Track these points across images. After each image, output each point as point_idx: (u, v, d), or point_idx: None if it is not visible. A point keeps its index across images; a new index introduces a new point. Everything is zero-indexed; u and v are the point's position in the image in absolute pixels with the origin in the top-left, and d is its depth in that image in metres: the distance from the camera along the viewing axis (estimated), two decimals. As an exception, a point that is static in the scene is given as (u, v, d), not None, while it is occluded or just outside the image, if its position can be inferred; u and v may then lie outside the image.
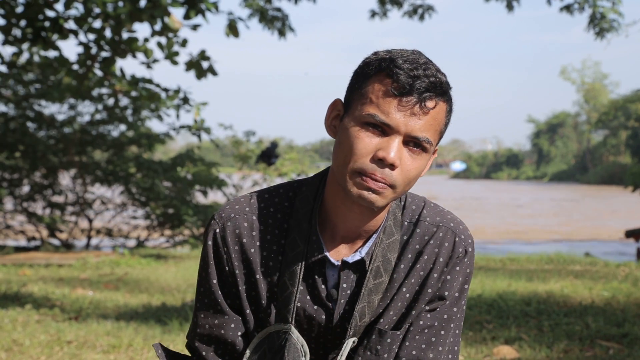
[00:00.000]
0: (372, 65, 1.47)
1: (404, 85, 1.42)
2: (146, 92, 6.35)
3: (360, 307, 1.54)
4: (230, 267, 1.57)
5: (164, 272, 8.69)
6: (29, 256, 10.09)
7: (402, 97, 1.42)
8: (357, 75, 1.50)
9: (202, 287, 1.61)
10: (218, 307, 1.59)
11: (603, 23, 8.97)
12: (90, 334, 4.88)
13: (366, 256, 1.56)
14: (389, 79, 1.43)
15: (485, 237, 17.15)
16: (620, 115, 60.35)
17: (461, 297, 1.63)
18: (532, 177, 76.52)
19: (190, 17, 5.68)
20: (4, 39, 5.93)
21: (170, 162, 12.52)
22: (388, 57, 1.46)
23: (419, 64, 1.44)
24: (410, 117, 1.43)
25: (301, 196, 1.59)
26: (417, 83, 1.42)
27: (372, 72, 1.46)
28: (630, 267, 8.84)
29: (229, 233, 1.57)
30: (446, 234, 1.59)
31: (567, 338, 4.82)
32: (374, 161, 1.44)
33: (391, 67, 1.43)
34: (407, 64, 1.43)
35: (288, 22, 9.49)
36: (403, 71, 1.42)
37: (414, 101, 1.42)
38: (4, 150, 12.24)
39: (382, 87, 1.44)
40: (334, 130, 1.53)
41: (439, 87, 1.45)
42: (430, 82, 1.43)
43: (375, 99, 1.44)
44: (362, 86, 1.47)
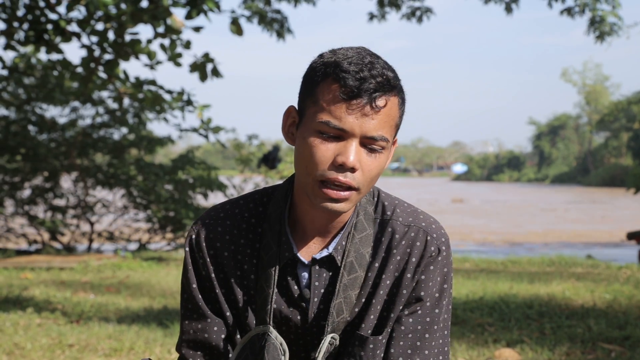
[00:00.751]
0: (318, 71, 1.47)
1: (352, 89, 1.42)
2: (150, 94, 6.35)
3: (337, 303, 1.55)
4: (206, 272, 1.60)
5: (166, 275, 8.69)
6: (31, 259, 10.09)
7: (351, 100, 1.43)
8: (306, 81, 1.51)
9: (185, 293, 1.64)
10: (200, 311, 1.61)
11: (603, 26, 9.00)
12: (92, 337, 4.88)
13: (334, 252, 1.57)
14: (337, 84, 1.43)
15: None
16: (621, 117, 60.31)
17: (442, 297, 1.60)
18: (533, 179, 76.48)
19: (192, 16, 5.68)
20: (6, 42, 5.94)
21: (171, 164, 12.52)
22: (333, 60, 1.46)
23: (364, 64, 1.44)
24: (362, 118, 1.44)
25: (274, 200, 1.61)
26: (365, 85, 1.42)
27: (320, 79, 1.46)
28: (632, 270, 8.83)
29: (203, 238, 1.60)
30: (418, 234, 1.59)
31: (569, 341, 4.82)
32: (334, 167, 1.45)
33: (337, 71, 1.44)
34: (352, 66, 1.43)
35: (287, 24, 9.50)
36: (349, 74, 1.42)
37: (364, 102, 1.43)
38: (5, 154, 12.24)
39: (331, 93, 1.44)
40: (291, 137, 1.55)
41: (387, 84, 1.45)
42: (377, 82, 1.43)
43: (326, 105, 1.44)
44: (312, 93, 1.47)
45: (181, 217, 12.00)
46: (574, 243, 16.63)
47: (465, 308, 5.91)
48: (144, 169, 12.18)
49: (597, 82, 72.76)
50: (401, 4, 9.85)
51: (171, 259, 10.89)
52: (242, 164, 13.34)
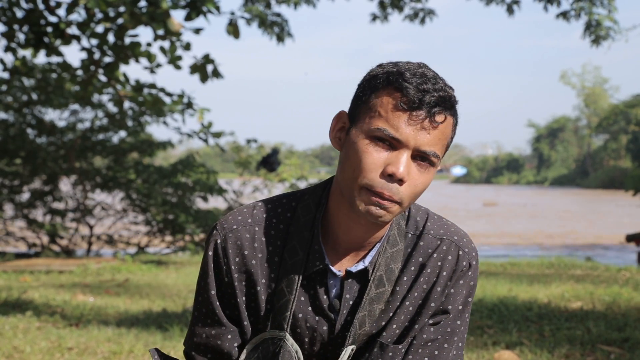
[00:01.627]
0: (379, 79, 1.45)
1: (414, 100, 1.41)
2: (150, 97, 6.35)
3: (361, 316, 1.53)
4: (229, 278, 1.56)
5: (165, 278, 8.68)
6: (30, 263, 10.09)
7: (411, 112, 1.41)
8: (363, 87, 1.48)
9: (200, 296, 1.60)
10: (215, 317, 1.58)
11: (599, 30, 9.01)
12: (91, 341, 4.87)
13: (369, 265, 1.55)
14: (398, 93, 1.42)
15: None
16: (620, 120, 60.36)
17: (465, 309, 1.61)
18: (532, 182, 76.50)
19: (192, 18, 5.68)
20: (6, 45, 5.94)
21: (170, 168, 12.52)
22: (395, 70, 1.44)
23: (428, 77, 1.43)
24: (419, 131, 1.42)
25: (303, 204, 1.58)
26: (427, 97, 1.41)
27: (380, 86, 1.44)
28: (631, 272, 8.83)
29: (231, 245, 1.56)
30: (450, 247, 1.58)
31: (568, 343, 4.82)
32: (383, 176, 1.42)
33: (400, 80, 1.42)
34: (415, 77, 1.42)
35: (287, 27, 9.51)
36: (412, 85, 1.41)
37: (423, 115, 1.41)
38: (4, 157, 12.24)
39: (391, 101, 1.42)
40: (339, 142, 1.51)
41: (448, 101, 1.44)
42: (439, 96, 1.42)
43: (384, 112, 1.42)
44: (369, 99, 1.45)
45: (180, 221, 12.00)
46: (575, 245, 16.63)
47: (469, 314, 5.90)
48: (143, 172, 12.18)
49: (596, 85, 72.80)
50: (404, 6, 9.86)
51: (170, 262, 10.88)
52: (241, 166, 13.35)
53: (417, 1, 9.82)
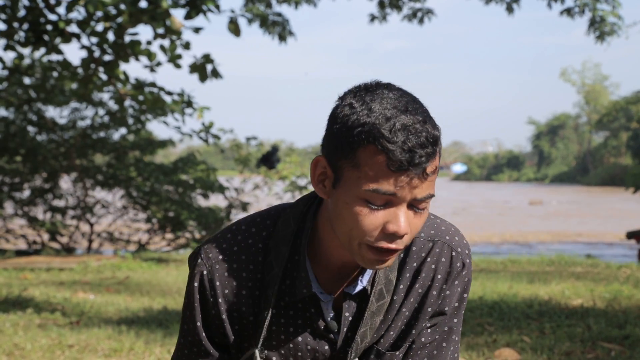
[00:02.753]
0: (355, 135, 1.34)
1: (402, 163, 1.32)
2: (151, 96, 6.35)
3: (362, 331, 1.52)
4: (216, 310, 1.52)
5: (165, 275, 8.69)
6: (30, 260, 10.09)
7: (401, 173, 1.33)
8: (338, 137, 1.37)
9: (185, 324, 1.57)
10: (202, 347, 1.55)
11: (603, 26, 9.00)
12: (92, 338, 4.88)
13: (367, 284, 1.52)
14: (382, 155, 1.32)
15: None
16: (620, 117, 60.37)
17: (461, 306, 1.60)
18: (532, 179, 76.52)
19: (191, 17, 5.67)
20: (6, 43, 5.94)
21: (171, 165, 12.53)
22: (372, 122, 1.33)
23: (409, 128, 1.32)
24: (410, 186, 1.35)
25: (282, 219, 1.53)
26: (415, 159, 1.32)
27: (358, 145, 1.34)
28: (632, 269, 8.84)
29: (218, 277, 1.51)
30: (442, 249, 1.56)
31: (568, 340, 4.82)
32: (383, 235, 1.37)
33: (381, 141, 1.31)
34: (398, 133, 1.31)
35: (288, 26, 9.51)
36: (396, 146, 1.31)
37: (414, 174, 1.34)
38: (5, 155, 12.24)
39: (377, 162, 1.33)
40: (324, 191, 1.43)
41: (434, 146, 1.36)
42: (427, 153, 1.33)
43: (372, 173, 1.33)
44: (350, 156, 1.35)
45: (181, 218, 12.00)
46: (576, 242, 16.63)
47: (465, 308, 5.90)
48: (144, 170, 12.18)
49: (596, 82, 72.80)
50: (402, 5, 9.87)
51: (171, 259, 10.89)
52: (241, 164, 13.35)
53: (415, 1, 9.82)
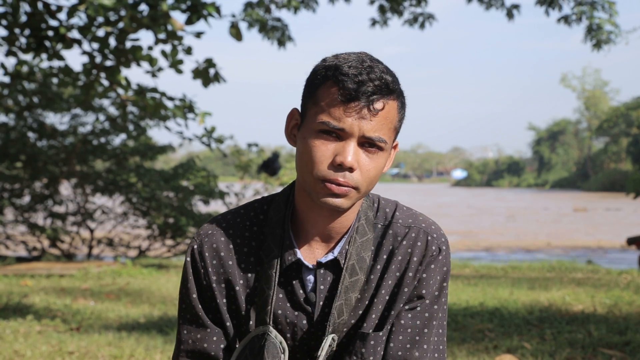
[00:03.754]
0: (319, 74, 1.53)
1: (350, 91, 1.48)
2: (152, 101, 6.35)
3: (338, 305, 1.58)
4: (207, 281, 1.62)
5: (166, 281, 8.69)
6: (30, 266, 10.09)
7: (350, 103, 1.48)
8: (308, 84, 1.56)
9: (183, 303, 1.65)
10: (199, 320, 1.63)
11: (600, 34, 9.02)
12: (92, 345, 4.87)
13: (339, 255, 1.60)
14: (336, 87, 1.49)
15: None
16: (621, 122, 60.38)
17: (441, 295, 1.64)
18: (533, 185, 76.50)
19: (192, 22, 5.68)
20: (7, 49, 5.94)
21: (171, 171, 12.53)
22: (334, 63, 1.52)
23: (363, 67, 1.49)
24: (361, 120, 1.49)
25: (274, 205, 1.65)
26: (363, 88, 1.48)
27: (320, 81, 1.52)
28: (632, 275, 8.83)
29: (207, 248, 1.63)
30: (418, 234, 1.63)
31: (569, 346, 4.81)
32: (333, 167, 1.50)
33: (336, 74, 1.50)
34: (351, 69, 1.49)
35: (288, 32, 9.52)
36: (348, 77, 1.48)
37: (362, 105, 1.48)
38: (5, 161, 12.24)
39: (330, 94, 1.50)
40: (293, 139, 1.60)
41: (385, 87, 1.50)
42: (375, 85, 1.48)
43: (326, 106, 1.50)
44: (313, 95, 1.53)
45: (181, 224, 12.00)
46: (575, 248, 16.61)
47: (466, 314, 5.90)
48: (144, 176, 12.18)
49: (596, 88, 72.86)
50: (403, 10, 9.87)
51: (171, 265, 10.88)
52: (241, 170, 13.36)
53: (416, 6, 9.83)
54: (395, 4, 9.76)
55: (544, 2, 9.14)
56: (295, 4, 9.51)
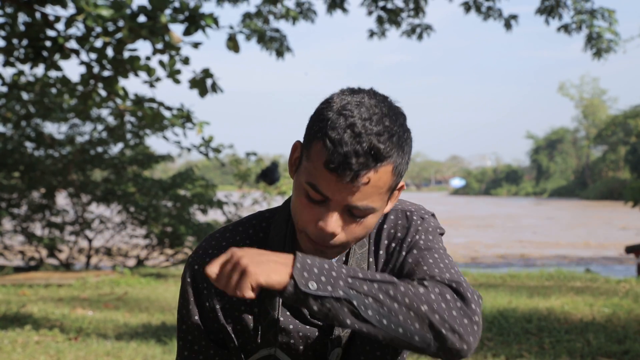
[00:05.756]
0: (315, 126, 1.43)
1: (336, 164, 1.37)
2: (150, 111, 6.36)
3: None
4: (210, 303, 1.57)
5: (164, 291, 8.67)
6: (29, 276, 10.07)
7: (334, 173, 1.38)
8: (309, 127, 1.47)
9: (183, 324, 1.60)
10: (202, 342, 1.59)
11: (600, 43, 9.05)
12: (90, 355, 4.86)
13: None
14: (324, 151, 1.38)
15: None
16: (619, 131, 60.48)
17: (434, 239, 1.57)
18: (531, 193, 76.54)
19: (190, 33, 5.69)
20: (4, 59, 5.95)
21: (170, 180, 12.53)
22: (327, 121, 1.40)
23: (355, 134, 1.37)
24: (346, 191, 1.39)
25: (275, 224, 1.60)
26: (347, 162, 1.36)
27: (313, 137, 1.42)
28: (631, 283, 8.83)
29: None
30: (397, 214, 1.59)
31: (568, 355, 4.81)
32: (316, 229, 1.43)
33: (325, 138, 1.38)
34: (342, 135, 1.37)
35: (286, 42, 9.55)
36: (334, 146, 1.37)
37: (347, 179, 1.38)
38: (2, 170, 12.24)
39: (318, 158, 1.40)
40: (293, 172, 1.52)
41: (374, 159, 1.38)
42: (359, 162, 1.37)
43: (314, 168, 1.41)
44: (308, 146, 1.44)
45: (180, 233, 11.99)
46: (573, 257, 16.60)
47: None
48: (142, 185, 12.18)
49: (594, 96, 73.01)
50: (401, 21, 9.90)
51: (169, 275, 10.87)
52: (240, 179, 13.36)
53: (414, 17, 9.86)
54: (393, 15, 9.79)
55: (544, 11, 9.18)
56: (293, 14, 9.55)
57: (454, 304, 1.38)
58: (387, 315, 1.35)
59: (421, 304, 1.35)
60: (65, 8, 5.85)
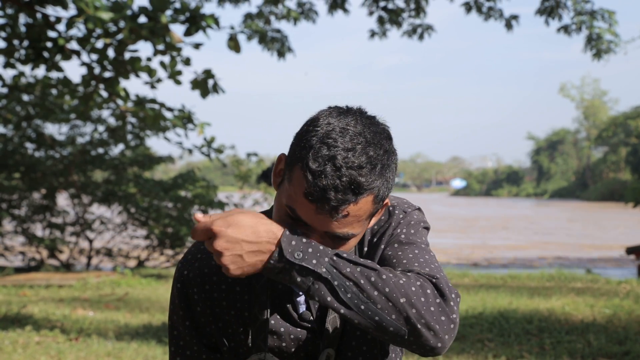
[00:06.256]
0: (296, 151, 1.40)
1: (314, 196, 1.35)
2: (152, 112, 6.36)
3: (331, 319, 1.56)
4: (201, 307, 1.57)
5: (165, 291, 8.67)
6: (29, 277, 10.07)
7: (313, 204, 1.36)
8: (293, 148, 1.44)
9: (175, 330, 1.61)
10: (194, 347, 1.59)
11: (600, 44, 9.05)
12: (91, 355, 4.86)
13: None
14: (303, 181, 1.36)
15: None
16: (619, 132, 60.46)
17: (417, 233, 1.55)
18: (532, 194, 76.51)
19: (191, 33, 5.69)
20: (5, 61, 5.96)
21: (170, 181, 12.53)
22: (309, 149, 1.37)
23: (336, 167, 1.35)
24: (324, 220, 1.38)
25: None
26: (325, 198, 1.35)
27: (295, 162, 1.40)
28: (632, 284, 8.82)
29: (197, 274, 1.57)
30: (383, 210, 1.56)
31: (569, 356, 4.81)
32: None
33: (305, 168, 1.36)
34: (322, 168, 1.35)
35: (287, 42, 9.56)
36: (313, 179, 1.34)
37: (325, 210, 1.36)
38: (3, 171, 12.24)
39: (298, 185, 1.38)
40: (276, 185, 1.50)
41: (354, 193, 1.36)
42: (338, 198, 1.35)
43: (294, 193, 1.39)
44: (290, 167, 1.42)
45: (181, 234, 11.99)
46: (572, 258, 16.59)
47: (465, 324, 5.90)
48: (142, 186, 12.18)
49: (595, 97, 72.99)
50: (402, 22, 9.91)
51: (170, 275, 10.87)
52: (241, 180, 13.36)
53: (415, 17, 9.87)
54: (394, 15, 9.80)
55: (543, 12, 9.18)
56: (294, 15, 9.55)
57: (433, 300, 1.37)
58: (365, 302, 1.34)
59: (400, 296, 1.35)
60: (66, 9, 5.86)
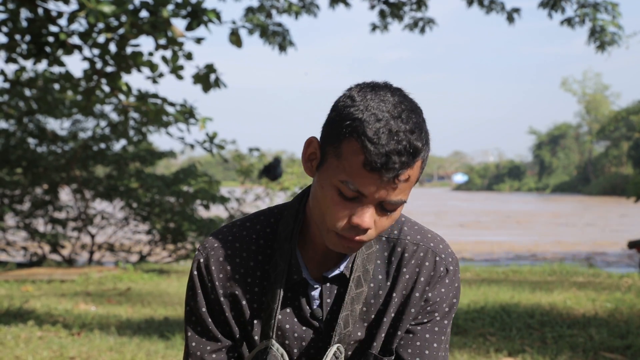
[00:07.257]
0: (344, 125, 1.42)
1: (375, 164, 1.38)
2: (154, 107, 6.36)
3: (344, 315, 1.57)
4: (215, 295, 1.61)
5: (167, 286, 8.69)
6: (31, 272, 10.09)
7: (374, 173, 1.39)
8: (332, 124, 1.46)
9: (193, 316, 1.64)
10: (210, 334, 1.63)
11: (603, 36, 9.02)
12: (93, 350, 4.87)
13: (345, 269, 1.59)
14: (361, 152, 1.39)
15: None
16: (621, 127, 60.36)
17: (451, 311, 1.64)
18: (534, 189, 76.48)
19: (192, 28, 5.69)
20: (7, 56, 5.96)
21: (172, 176, 12.53)
22: (362, 118, 1.40)
23: (393, 132, 1.38)
24: (383, 188, 1.41)
25: (283, 220, 1.62)
26: (389, 163, 1.38)
27: (344, 136, 1.41)
28: (634, 278, 8.82)
29: (213, 262, 1.61)
30: (427, 254, 1.61)
31: (570, 350, 4.81)
32: (349, 225, 1.45)
33: (363, 139, 1.38)
34: (380, 136, 1.38)
35: (289, 37, 9.54)
36: (374, 147, 1.37)
37: (386, 178, 1.40)
38: (5, 167, 12.25)
39: (354, 158, 1.40)
40: (310, 170, 1.51)
41: (413, 157, 1.41)
42: (401, 162, 1.39)
43: (349, 167, 1.41)
44: (336, 145, 1.43)
45: (183, 229, 12.00)
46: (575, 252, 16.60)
47: (467, 318, 5.90)
48: (144, 181, 12.19)
49: (597, 92, 72.85)
50: (403, 15, 9.89)
51: (172, 270, 10.88)
52: (242, 175, 13.36)
53: (416, 10, 9.85)
54: (395, 8, 9.78)
55: (546, 4, 9.15)
56: (296, 8, 9.54)
57: None
58: None
59: None
60: (67, 3, 5.85)
